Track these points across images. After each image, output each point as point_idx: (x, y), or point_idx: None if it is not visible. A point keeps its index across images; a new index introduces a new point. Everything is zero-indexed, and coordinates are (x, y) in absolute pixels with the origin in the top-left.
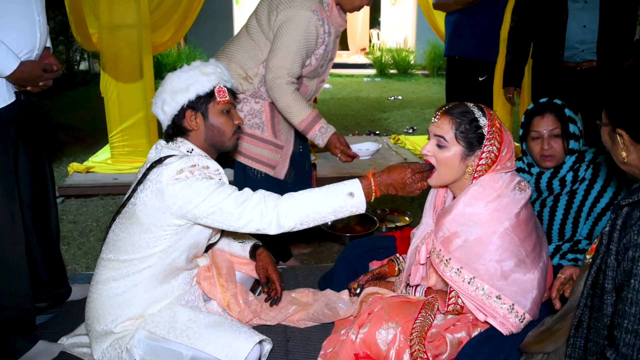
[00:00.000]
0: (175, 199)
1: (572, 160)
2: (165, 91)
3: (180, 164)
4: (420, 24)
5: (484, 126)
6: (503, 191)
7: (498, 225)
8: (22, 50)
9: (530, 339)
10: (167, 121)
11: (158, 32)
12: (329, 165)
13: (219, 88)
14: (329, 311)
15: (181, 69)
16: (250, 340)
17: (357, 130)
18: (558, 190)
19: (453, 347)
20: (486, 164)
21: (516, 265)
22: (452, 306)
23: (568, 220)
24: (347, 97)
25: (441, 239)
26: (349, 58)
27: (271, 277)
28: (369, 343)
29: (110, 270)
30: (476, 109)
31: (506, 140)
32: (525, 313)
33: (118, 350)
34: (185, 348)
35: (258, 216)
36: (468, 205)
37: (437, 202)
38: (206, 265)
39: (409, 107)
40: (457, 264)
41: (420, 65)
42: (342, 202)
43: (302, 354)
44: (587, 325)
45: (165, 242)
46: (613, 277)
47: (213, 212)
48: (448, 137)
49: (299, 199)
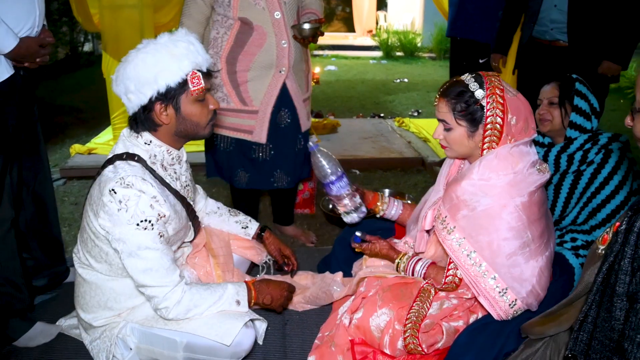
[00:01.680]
0: (104, 223)
1: (584, 138)
2: (129, 78)
3: (114, 185)
4: (427, 6)
5: (482, 98)
6: (520, 167)
7: (509, 200)
8: (22, 28)
9: (534, 321)
10: (133, 109)
11: (160, 12)
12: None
13: (193, 75)
14: (323, 294)
15: (146, 47)
16: (240, 319)
17: (361, 113)
18: (564, 168)
19: (449, 335)
20: (493, 134)
21: (520, 247)
22: (450, 278)
23: (572, 200)
24: (353, 79)
25: (448, 206)
26: (355, 40)
27: (286, 253)
28: (362, 329)
29: (84, 260)
30: (472, 81)
31: (513, 106)
32: (517, 299)
33: (108, 343)
34: (179, 334)
35: (161, 296)
36: (480, 175)
37: (452, 171)
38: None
39: (415, 90)
40: (461, 233)
41: (427, 48)
42: (227, 307)
43: (300, 337)
44: (592, 320)
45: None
46: (626, 281)
47: (131, 265)
48: (448, 119)
49: (194, 301)
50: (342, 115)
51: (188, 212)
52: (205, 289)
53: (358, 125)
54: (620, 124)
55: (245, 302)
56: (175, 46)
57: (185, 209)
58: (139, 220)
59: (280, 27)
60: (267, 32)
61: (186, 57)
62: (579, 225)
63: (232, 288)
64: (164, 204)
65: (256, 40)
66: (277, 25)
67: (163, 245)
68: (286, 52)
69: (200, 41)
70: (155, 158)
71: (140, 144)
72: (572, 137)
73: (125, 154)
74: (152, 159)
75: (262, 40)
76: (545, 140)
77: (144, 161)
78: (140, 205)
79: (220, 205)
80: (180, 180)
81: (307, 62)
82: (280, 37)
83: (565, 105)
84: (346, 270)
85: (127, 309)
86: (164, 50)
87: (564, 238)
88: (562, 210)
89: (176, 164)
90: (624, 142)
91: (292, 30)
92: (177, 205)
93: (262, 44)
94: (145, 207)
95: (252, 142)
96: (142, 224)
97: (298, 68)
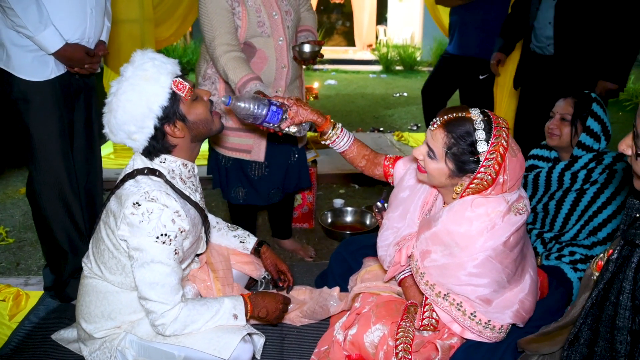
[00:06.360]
0: (123, 233)
1: (589, 157)
2: (125, 123)
3: (138, 198)
4: (427, 20)
5: (482, 153)
6: (497, 213)
7: (480, 253)
8: (72, 36)
9: (530, 338)
10: (143, 145)
11: (161, 27)
12: (329, 162)
13: (174, 83)
14: (320, 309)
15: (120, 89)
16: (238, 333)
17: (360, 127)
18: (568, 185)
19: (444, 352)
20: (477, 188)
21: (494, 291)
22: (427, 320)
23: (573, 217)
24: (352, 94)
25: (419, 249)
26: (355, 54)
27: (282, 269)
28: (357, 345)
29: (96, 271)
30: (481, 129)
31: (509, 167)
32: (502, 325)
33: (107, 355)
34: (177, 349)
35: (159, 312)
36: (453, 222)
37: (428, 199)
38: (202, 267)
39: (414, 104)
40: (431, 280)
41: (427, 62)
42: (225, 321)
43: (298, 351)
44: (584, 342)
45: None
46: (626, 316)
47: (141, 275)
48: (437, 152)
49: (191, 317)
50: None
51: (204, 223)
52: (202, 305)
53: None
54: (619, 136)
55: (242, 316)
56: (145, 70)
57: (202, 220)
58: (160, 233)
59: (282, 52)
60: (268, 57)
61: (160, 74)
62: (579, 241)
63: (229, 302)
64: (185, 219)
65: (257, 64)
66: (279, 50)
67: (175, 263)
68: (284, 75)
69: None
70: (174, 173)
71: (157, 163)
72: (578, 156)
73: (146, 169)
74: (170, 174)
75: (262, 64)
76: (552, 154)
77: (164, 176)
78: (162, 218)
79: (219, 220)
80: (198, 192)
81: (301, 76)
82: (281, 61)
83: (577, 124)
84: (342, 285)
85: (129, 322)
86: (137, 80)
87: (562, 252)
88: (562, 226)
89: (192, 177)
90: (628, 163)
91: (292, 51)
92: (197, 218)
93: (262, 67)
94: (167, 221)
95: (251, 161)
96: (162, 237)
97: (293, 86)
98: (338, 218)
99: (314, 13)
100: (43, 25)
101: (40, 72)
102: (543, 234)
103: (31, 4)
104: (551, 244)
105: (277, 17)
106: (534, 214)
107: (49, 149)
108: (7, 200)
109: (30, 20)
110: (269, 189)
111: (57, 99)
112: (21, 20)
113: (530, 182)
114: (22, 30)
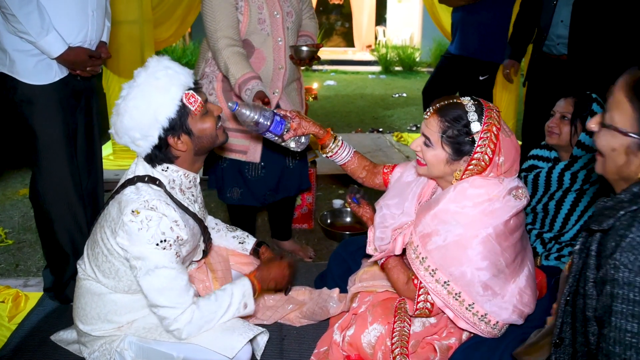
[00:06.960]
0: (122, 242)
1: (588, 157)
2: (131, 128)
3: (137, 206)
4: (426, 21)
5: (476, 132)
6: (496, 195)
7: (481, 229)
8: (74, 39)
9: (521, 350)
10: (146, 152)
11: (160, 27)
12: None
13: (186, 96)
14: (320, 310)
15: (130, 94)
16: (245, 335)
17: (360, 128)
18: (567, 185)
19: (442, 352)
20: (475, 170)
21: (494, 275)
22: (422, 304)
23: (572, 217)
24: (352, 94)
25: (420, 234)
26: (355, 55)
27: None
28: (355, 346)
29: (90, 273)
30: (473, 109)
31: (504, 147)
32: (498, 321)
33: (107, 356)
34: (177, 349)
35: (172, 318)
36: (454, 202)
37: (424, 191)
38: (200, 267)
39: (413, 105)
40: (433, 264)
41: (426, 63)
42: (237, 313)
43: (297, 351)
44: (570, 343)
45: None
46: (594, 306)
47: (147, 283)
48: (433, 139)
49: (205, 317)
50: (340, 130)
51: (203, 233)
52: (213, 302)
53: (357, 140)
54: None
55: (251, 303)
56: (157, 79)
57: (202, 231)
58: (159, 240)
59: (280, 53)
60: (266, 57)
61: (172, 84)
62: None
63: (238, 293)
64: (183, 228)
65: (254, 64)
66: (278, 50)
67: (179, 265)
68: (281, 76)
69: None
70: (174, 183)
71: (158, 170)
72: (577, 156)
73: (147, 177)
74: (171, 184)
75: (260, 64)
76: (552, 154)
77: (164, 186)
78: (161, 226)
79: (219, 222)
80: (197, 203)
81: (299, 79)
82: (279, 61)
83: (577, 123)
84: (342, 286)
85: (127, 322)
86: (148, 88)
87: (562, 252)
88: (562, 227)
89: (192, 187)
90: None
91: (290, 50)
92: (195, 227)
93: (260, 67)
94: (166, 228)
95: (246, 162)
96: (162, 244)
97: (290, 88)
98: (337, 219)
99: (316, 22)
100: (45, 30)
101: (44, 76)
102: (543, 234)
103: (33, 10)
104: (551, 244)
105: (278, 16)
106: (534, 214)
107: (54, 151)
108: (7, 202)
109: (33, 26)
110: (264, 191)
111: (60, 101)
112: (23, 26)
113: (530, 182)
114: (25, 36)
